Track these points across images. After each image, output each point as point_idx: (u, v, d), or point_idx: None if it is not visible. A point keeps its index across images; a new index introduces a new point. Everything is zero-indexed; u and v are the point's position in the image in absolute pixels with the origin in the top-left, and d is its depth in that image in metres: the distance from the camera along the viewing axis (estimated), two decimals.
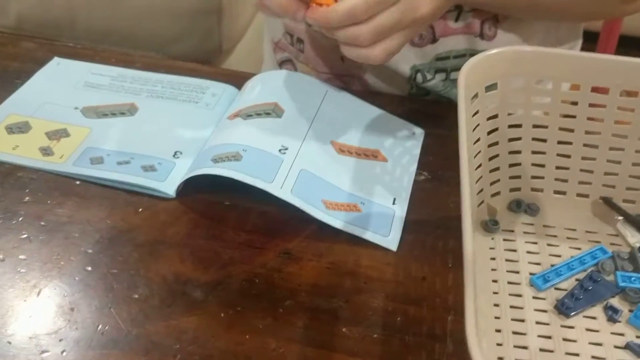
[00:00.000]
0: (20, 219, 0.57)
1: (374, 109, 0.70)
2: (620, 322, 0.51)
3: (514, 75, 0.55)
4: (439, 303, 0.52)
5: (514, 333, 0.50)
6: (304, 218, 0.57)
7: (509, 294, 0.52)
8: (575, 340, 0.49)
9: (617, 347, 0.49)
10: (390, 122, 0.69)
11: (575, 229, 0.58)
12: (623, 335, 0.50)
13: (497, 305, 0.51)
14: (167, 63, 0.78)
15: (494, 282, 0.53)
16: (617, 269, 0.54)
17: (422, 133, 0.68)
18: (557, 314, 0.51)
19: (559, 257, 0.56)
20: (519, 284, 0.53)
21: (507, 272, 0.54)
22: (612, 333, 0.50)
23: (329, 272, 0.54)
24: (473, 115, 0.53)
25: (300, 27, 0.77)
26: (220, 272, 0.54)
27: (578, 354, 0.48)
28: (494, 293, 0.52)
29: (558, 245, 0.57)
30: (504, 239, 0.57)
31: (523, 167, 0.59)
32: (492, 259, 0.55)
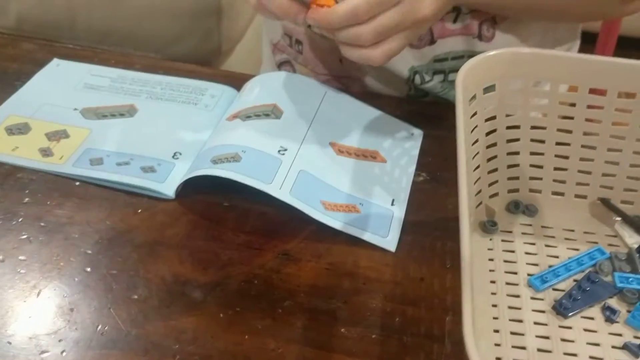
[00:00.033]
0: (20, 220, 0.58)
1: (373, 110, 0.70)
2: (618, 322, 0.51)
3: (512, 77, 0.55)
4: (437, 304, 0.52)
5: (512, 333, 0.50)
6: (303, 219, 0.57)
7: (507, 295, 0.52)
8: (573, 341, 0.50)
9: (614, 347, 0.49)
10: (389, 123, 0.69)
11: (574, 230, 0.58)
12: (621, 336, 0.50)
13: (495, 306, 0.51)
14: (166, 64, 0.78)
15: (492, 282, 0.53)
16: (614, 270, 0.54)
17: (420, 134, 0.68)
18: (555, 315, 0.51)
19: (557, 258, 0.56)
20: (517, 285, 0.53)
21: (505, 272, 0.54)
22: (609, 333, 0.50)
23: (328, 272, 0.54)
24: (471, 117, 0.54)
25: (299, 28, 0.77)
26: (219, 272, 0.54)
27: (576, 354, 0.49)
28: (492, 294, 0.52)
29: (556, 246, 0.57)
30: (502, 240, 0.57)
31: (521, 168, 0.59)
32: (490, 260, 0.55)
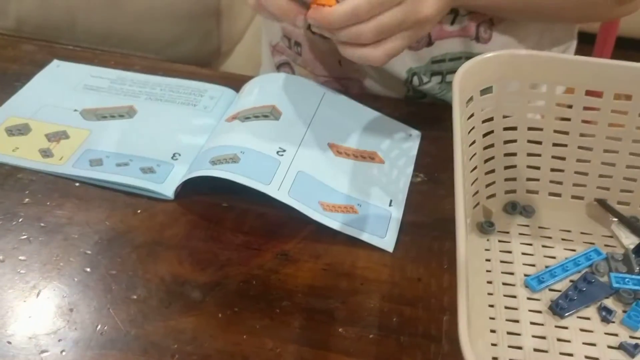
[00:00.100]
0: (20, 220, 0.58)
1: (371, 112, 0.70)
2: (614, 322, 0.51)
3: (509, 79, 0.55)
4: (435, 304, 0.52)
5: (509, 333, 0.50)
6: (301, 220, 0.57)
7: (504, 295, 0.53)
8: (570, 341, 0.50)
9: (610, 347, 0.50)
10: (387, 124, 0.70)
11: (570, 231, 0.59)
12: (617, 336, 0.50)
13: (492, 306, 0.52)
14: (165, 66, 0.78)
15: (489, 283, 0.54)
16: (611, 271, 0.54)
17: (418, 135, 0.69)
18: (551, 315, 0.52)
19: (554, 258, 0.56)
20: (514, 285, 0.54)
21: (502, 273, 0.54)
22: (605, 333, 0.50)
23: (326, 273, 0.55)
24: (468, 118, 0.54)
25: (298, 30, 0.77)
26: (218, 273, 0.54)
27: (572, 354, 0.49)
28: (489, 294, 0.53)
29: (553, 247, 0.57)
30: (499, 241, 0.57)
31: (518, 169, 0.59)
32: (487, 260, 0.55)
